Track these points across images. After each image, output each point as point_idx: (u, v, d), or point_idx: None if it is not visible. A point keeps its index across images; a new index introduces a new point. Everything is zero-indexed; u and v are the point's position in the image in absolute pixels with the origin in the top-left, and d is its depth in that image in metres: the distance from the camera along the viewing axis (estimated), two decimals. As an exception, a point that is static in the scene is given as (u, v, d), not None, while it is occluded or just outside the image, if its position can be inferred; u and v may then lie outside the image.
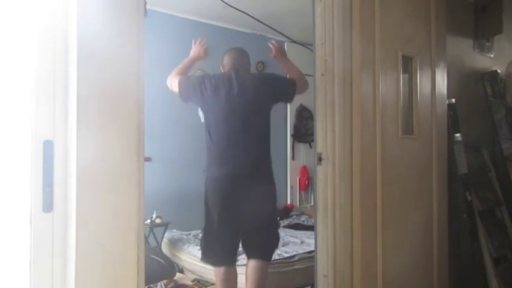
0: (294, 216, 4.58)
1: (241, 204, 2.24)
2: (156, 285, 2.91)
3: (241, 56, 2.51)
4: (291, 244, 3.51)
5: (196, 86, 2.32)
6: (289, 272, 3.09)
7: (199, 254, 3.27)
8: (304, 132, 5.20)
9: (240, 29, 4.74)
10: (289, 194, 5.14)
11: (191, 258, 3.35)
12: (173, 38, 4.26)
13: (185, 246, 3.50)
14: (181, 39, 4.32)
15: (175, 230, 3.93)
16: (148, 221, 3.73)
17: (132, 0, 1.24)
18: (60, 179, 1.08)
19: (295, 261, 3.15)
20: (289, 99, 2.58)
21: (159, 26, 4.06)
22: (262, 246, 2.37)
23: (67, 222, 1.09)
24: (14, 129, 1.10)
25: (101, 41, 1.16)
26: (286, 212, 4.72)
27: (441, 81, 2.73)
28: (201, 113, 2.45)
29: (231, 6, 3.90)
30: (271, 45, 2.55)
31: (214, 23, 4.53)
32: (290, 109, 5.18)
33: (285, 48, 5.08)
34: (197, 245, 3.41)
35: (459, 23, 3.23)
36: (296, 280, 3.10)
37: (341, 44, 2.12)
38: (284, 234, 3.90)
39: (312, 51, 2.22)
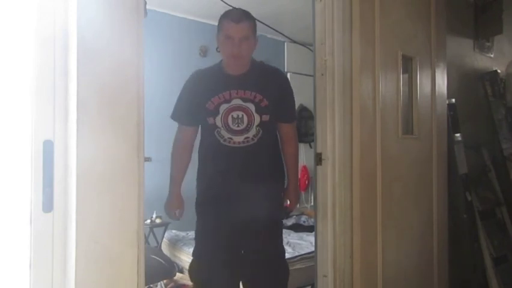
0: (294, 217, 4.57)
1: None
2: (156, 285, 2.90)
3: None
4: (292, 245, 3.51)
5: None
6: (290, 272, 3.09)
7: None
8: (304, 132, 5.18)
9: (240, 29, 4.72)
10: (289, 194, 5.12)
11: (191, 258, 3.34)
12: (173, 38, 4.26)
13: (186, 247, 3.49)
14: (181, 39, 4.33)
15: (175, 230, 3.92)
16: (148, 221, 3.73)
17: (132, 0, 1.24)
18: (60, 179, 1.07)
19: (296, 261, 3.15)
20: None
21: (159, 25, 4.06)
22: None
23: (66, 222, 1.08)
24: (14, 129, 1.10)
25: (101, 41, 1.16)
26: (286, 212, 4.71)
27: (441, 81, 2.73)
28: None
29: (231, 6, 3.88)
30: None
31: (214, 23, 4.48)
32: (290, 109, 5.17)
33: (285, 48, 5.09)
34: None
35: (459, 23, 3.23)
36: (296, 280, 3.10)
37: (341, 44, 2.12)
38: (285, 234, 3.90)
39: (312, 51, 2.22)
